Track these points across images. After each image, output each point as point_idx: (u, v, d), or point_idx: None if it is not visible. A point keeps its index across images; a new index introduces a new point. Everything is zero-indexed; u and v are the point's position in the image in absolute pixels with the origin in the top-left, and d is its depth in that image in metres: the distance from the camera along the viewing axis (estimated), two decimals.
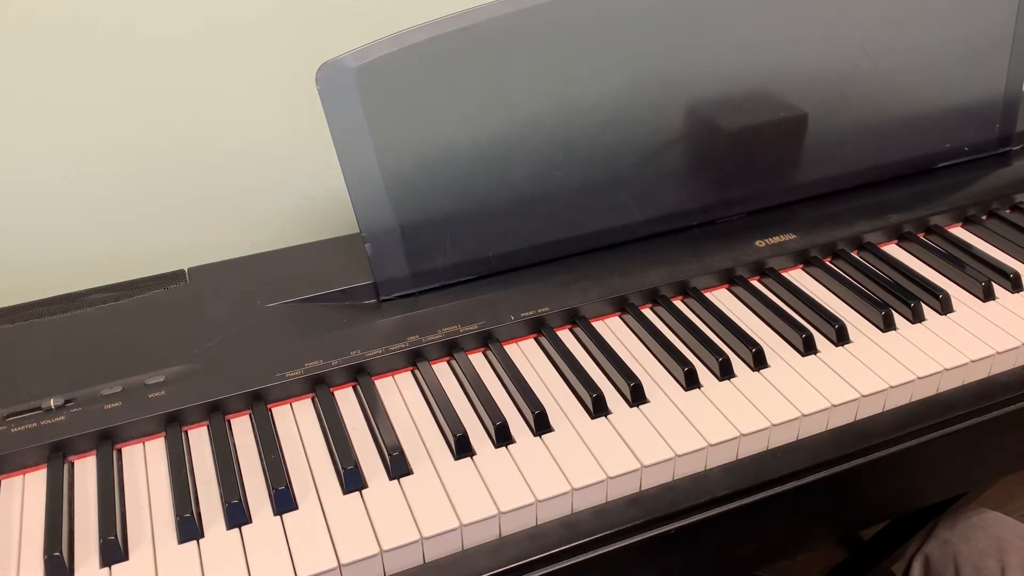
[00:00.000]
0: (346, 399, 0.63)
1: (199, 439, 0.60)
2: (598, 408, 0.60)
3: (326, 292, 0.69)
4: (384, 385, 0.64)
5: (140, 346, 0.64)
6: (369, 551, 0.51)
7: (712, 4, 0.69)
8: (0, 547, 0.53)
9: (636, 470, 0.56)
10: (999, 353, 0.65)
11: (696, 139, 0.74)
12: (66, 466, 0.57)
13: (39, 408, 0.59)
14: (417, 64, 0.63)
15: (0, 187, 0.78)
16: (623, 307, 0.70)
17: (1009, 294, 0.72)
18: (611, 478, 0.55)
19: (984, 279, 0.71)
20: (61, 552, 0.51)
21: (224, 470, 0.56)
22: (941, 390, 0.64)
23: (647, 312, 0.70)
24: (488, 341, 0.66)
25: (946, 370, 0.63)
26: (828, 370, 0.63)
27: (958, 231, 0.81)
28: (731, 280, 0.73)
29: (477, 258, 0.71)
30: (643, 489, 0.57)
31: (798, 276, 0.75)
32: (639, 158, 0.72)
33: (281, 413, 0.62)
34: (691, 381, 0.62)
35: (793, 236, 0.76)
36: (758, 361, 0.64)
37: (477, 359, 0.66)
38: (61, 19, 0.73)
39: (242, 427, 0.61)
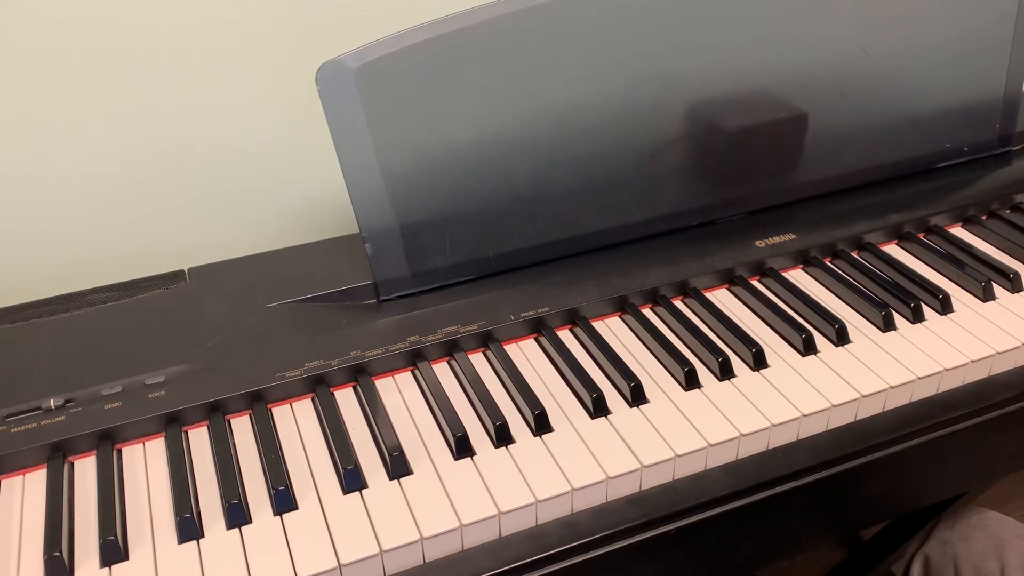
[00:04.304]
0: (346, 399, 0.63)
1: (199, 439, 0.60)
2: (598, 408, 0.60)
3: (326, 292, 0.69)
4: (384, 385, 0.64)
5: (140, 346, 0.64)
6: (369, 551, 0.51)
7: (712, 4, 0.69)
8: (0, 547, 0.53)
9: (636, 470, 0.56)
10: (999, 353, 0.65)
11: (696, 139, 0.74)
12: (66, 466, 0.57)
13: (39, 408, 0.59)
14: (417, 64, 0.63)
15: (0, 187, 0.78)
16: (623, 307, 0.70)
17: (1009, 294, 0.72)
18: (611, 478, 0.55)
19: (984, 279, 0.71)
20: (61, 552, 0.51)
21: (224, 470, 0.56)
22: (941, 390, 0.64)
23: (647, 312, 0.70)
24: (488, 341, 0.66)
25: (946, 370, 0.63)
26: (828, 370, 0.63)
27: (958, 231, 0.81)
28: (731, 280, 0.73)
29: (477, 258, 0.71)
30: (643, 489, 0.57)
31: (798, 276, 0.75)
32: (639, 158, 0.72)
33: (281, 413, 0.62)
34: (691, 381, 0.62)
35: (793, 236, 0.76)
36: (758, 361, 0.64)
37: (477, 359, 0.66)
38: (61, 19, 0.73)
39: (242, 427, 0.61)
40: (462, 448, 0.57)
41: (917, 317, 0.68)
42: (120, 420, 0.58)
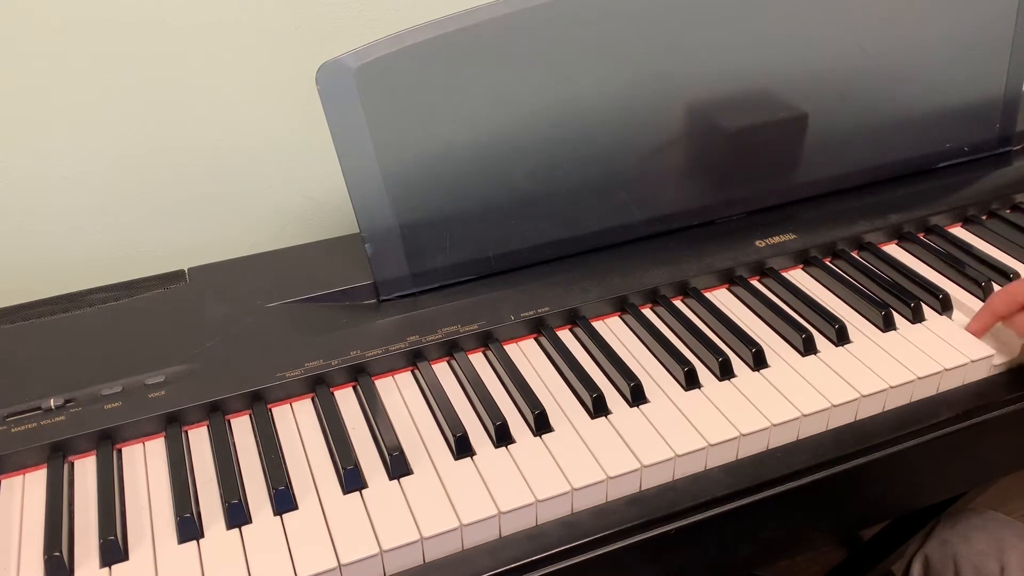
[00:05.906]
0: (346, 399, 0.63)
1: (199, 439, 0.60)
2: (598, 408, 0.60)
3: (326, 292, 0.69)
4: (384, 385, 0.64)
5: (140, 346, 0.64)
6: (369, 551, 0.51)
7: (712, 4, 0.69)
8: (0, 547, 0.53)
9: (636, 470, 0.56)
10: (999, 353, 0.65)
11: (696, 139, 0.74)
12: (66, 466, 0.57)
13: (39, 408, 0.59)
14: (417, 64, 0.63)
15: (0, 187, 0.78)
16: (623, 307, 0.70)
17: None
18: (611, 478, 0.55)
19: (984, 279, 0.71)
20: (61, 552, 0.51)
21: (224, 470, 0.56)
22: (941, 390, 0.64)
23: (647, 312, 0.70)
24: (488, 341, 0.66)
25: (946, 370, 0.63)
26: (828, 370, 0.63)
27: (958, 231, 0.81)
28: (731, 280, 0.73)
29: (477, 258, 0.71)
30: (643, 489, 0.57)
31: (798, 276, 0.75)
32: (639, 158, 0.72)
33: (281, 413, 0.62)
34: (691, 381, 0.62)
35: (793, 236, 0.76)
36: (758, 361, 0.64)
37: (477, 359, 0.66)
38: (60, 19, 0.73)
39: (242, 427, 0.61)
40: (462, 448, 0.57)
41: (917, 317, 0.68)
42: (120, 420, 0.58)
